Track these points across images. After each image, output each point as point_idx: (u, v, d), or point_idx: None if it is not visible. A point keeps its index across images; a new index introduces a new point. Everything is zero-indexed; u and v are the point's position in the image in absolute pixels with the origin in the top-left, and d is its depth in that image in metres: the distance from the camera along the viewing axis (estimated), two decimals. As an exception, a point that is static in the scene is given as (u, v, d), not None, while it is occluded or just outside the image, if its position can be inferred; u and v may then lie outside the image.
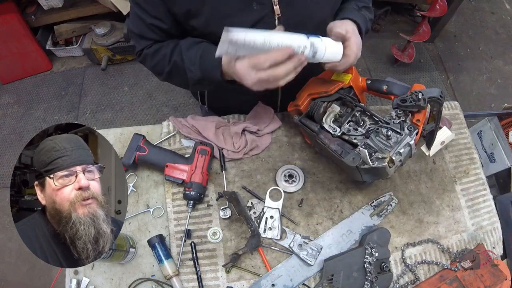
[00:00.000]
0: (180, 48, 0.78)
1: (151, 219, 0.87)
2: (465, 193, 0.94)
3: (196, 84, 0.79)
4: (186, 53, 0.76)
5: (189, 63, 0.76)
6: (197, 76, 0.76)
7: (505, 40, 2.66)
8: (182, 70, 0.77)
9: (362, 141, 0.72)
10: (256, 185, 0.90)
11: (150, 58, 0.82)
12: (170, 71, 0.80)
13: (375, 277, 0.77)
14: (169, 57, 0.78)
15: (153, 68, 0.85)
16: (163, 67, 0.80)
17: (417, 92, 0.70)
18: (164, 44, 0.81)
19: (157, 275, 0.81)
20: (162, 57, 0.79)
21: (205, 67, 0.74)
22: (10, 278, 1.76)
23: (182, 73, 0.78)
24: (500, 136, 1.46)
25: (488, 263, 0.84)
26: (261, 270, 0.82)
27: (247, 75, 0.64)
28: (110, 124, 2.18)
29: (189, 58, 0.76)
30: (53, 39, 2.34)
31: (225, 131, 0.94)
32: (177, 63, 0.78)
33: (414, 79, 2.42)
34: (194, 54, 0.75)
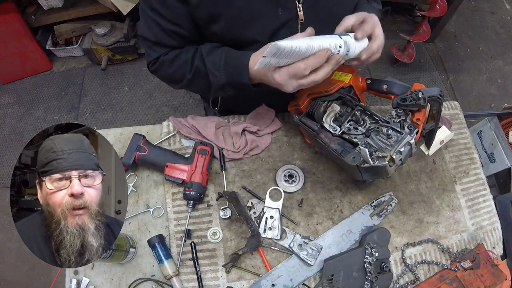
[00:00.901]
0: (201, 53, 0.76)
1: (151, 219, 0.87)
2: (465, 193, 0.94)
3: (219, 89, 0.77)
4: (208, 58, 0.74)
5: (213, 68, 0.74)
6: (221, 81, 0.74)
7: (505, 40, 2.66)
8: (205, 76, 0.76)
9: (363, 140, 0.72)
10: (256, 185, 0.90)
11: (168, 65, 0.79)
12: (193, 77, 0.78)
13: (375, 277, 0.77)
14: (191, 62, 0.76)
15: (171, 75, 0.82)
16: (184, 74, 0.78)
17: (417, 91, 0.70)
18: (183, 50, 0.79)
19: (157, 275, 0.81)
20: (183, 63, 0.77)
21: (231, 72, 0.73)
22: (10, 278, 1.76)
23: (204, 78, 0.76)
24: (500, 136, 1.46)
25: (488, 263, 0.84)
26: (261, 270, 0.81)
27: (288, 84, 0.64)
28: (110, 124, 2.18)
29: (213, 62, 0.74)
30: (53, 39, 2.34)
31: (225, 131, 0.94)
32: (199, 68, 0.76)
33: (414, 79, 2.42)
34: (217, 59, 0.74)
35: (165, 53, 0.79)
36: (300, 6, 0.71)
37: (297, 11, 0.72)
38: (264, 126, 0.95)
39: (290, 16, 0.72)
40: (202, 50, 0.76)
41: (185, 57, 0.77)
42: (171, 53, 0.79)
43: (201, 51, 0.76)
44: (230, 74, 0.73)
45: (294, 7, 0.71)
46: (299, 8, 0.71)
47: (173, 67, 0.79)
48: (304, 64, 0.61)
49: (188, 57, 0.77)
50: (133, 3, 2.07)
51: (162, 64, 0.80)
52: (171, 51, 0.79)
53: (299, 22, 0.74)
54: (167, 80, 0.86)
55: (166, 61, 0.79)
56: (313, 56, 0.61)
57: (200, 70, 0.76)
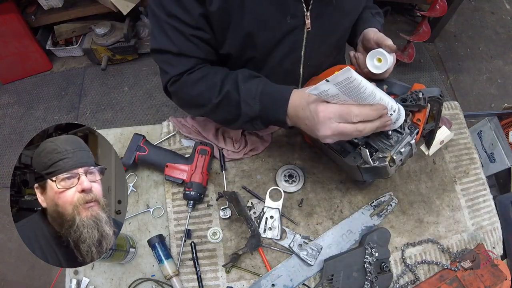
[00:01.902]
0: (237, 78, 0.69)
1: (151, 219, 0.87)
2: (465, 193, 0.94)
3: (247, 121, 0.70)
4: (245, 85, 0.67)
5: (247, 96, 0.67)
6: (254, 112, 0.67)
7: (505, 40, 2.66)
8: (236, 103, 0.68)
9: (363, 140, 0.72)
10: (256, 185, 0.90)
11: (191, 86, 0.70)
12: (220, 102, 0.69)
13: (375, 277, 0.77)
14: (220, 85, 0.69)
15: (193, 99, 0.73)
16: (210, 97, 0.69)
17: (417, 92, 0.70)
18: (211, 71, 0.71)
19: (157, 275, 0.81)
20: (211, 85, 0.69)
21: (267, 103, 0.66)
22: (10, 278, 1.76)
23: (233, 106, 0.68)
24: (500, 136, 1.46)
25: (488, 263, 0.84)
26: (261, 270, 0.81)
27: (329, 123, 0.57)
28: (110, 124, 2.18)
29: (249, 90, 0.67)
30: (53, 39, 2.34)
31: (225, 131, 0.94)
32: (230, 94, 0.68)
33: (414, 79, 2.41)
34: (254, 87, 0.67)
35: (190, 71, 0.71)
36: (308, 14, 0.70)
37: (305, 19, 0.71)
38: (264, 126, 0.95)
39: (298, 24, 0.72)
40: (238, 75, 0.69)
41: (213, 79, 0.69)
42: (197, 72, 0.71)
43: (236, 76, 0.69)
44: (266, 105, 0.66)
45: (303, 15, 0.70)
46: (307, 17, 0.70)
47: (197, 88, 0.70)
48: (359, 110, 0.55)
49: (217, 80, 0.69)
50: (133, 3, 2.07)
51: (184, 84, 0.71)
52: (197, 70, 0.71)
53: (306, 31, 0.73)
54: (187, 103, 0.77)
55: (189, 81, 0.70)
56: (371, 107, 0.57)
57: (230, 96, 0.68)
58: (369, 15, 0.84)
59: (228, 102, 0.69)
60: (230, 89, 0.68)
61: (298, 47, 0.69)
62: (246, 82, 0.68)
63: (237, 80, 0.68)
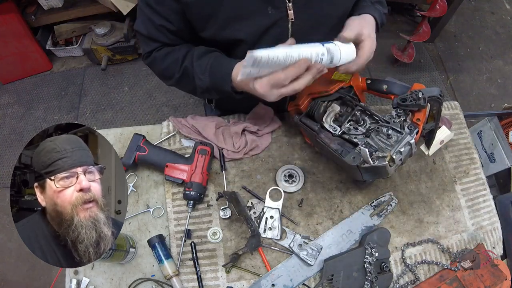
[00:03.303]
0: (193, 54, 0.77)
1: (151, 219, 0.87)
2: (465, 193, 0.94)
3: (204, 92, 0.80)
4: (198, 61, 0.76)
5: (199, 71, 0.76)
6: (205, 85, 0.76)
7: (505, 40, 2.66)
8: (192, 77, 0.77)
9: (363, 140, 0.72)
10: (256, 185, 0.90)
11: (160, 61, 0.81)
12: (181, 76, 0.80)
13: (375, 277, 0.77)
14: (181, 62, 0.78)
15: (162, 72, 0.84)
16: (173, 72, 0.80)
17: (417, 91, 0.70)
18: (176, 48, 0.80)
19: (157, 275, 0.81)
20: (173, 61, 0.79)
21: (215, 78, 0.74)
22: (10, 278, 1.76)
23: (191, 80, 0.78)
24: (500, 136, 1.46)
25: (488, 263, 0.84)
26: (261, 270, 0.81)
27: (269, 94, 0.65)
28: (110, 124, 2.18)
29: (200, 66, 0.76)
30: (53, 39, 2.34)
31: (225, 131, 0.94)
32: (187, 69, 0.77)
33: (414, 79, 2.42)
34: (205, 63, 0.75)
35: (158, 49, 0.80)
36: (290, 5, 0.71)
37: (287, 10, 0.71)
38: (263, 125, 0.95)
39: (280, 15, 0.72)
40: (194, 52, 0.77)
41: (176, 56, 0.79)
42: (164, 50, 0.80)
43: (193, 53, 0.77)
44: (213, 80, 0.75)
45: (284, 6, 0.71)
46: (288, 7, 0.71)
47: (163, 64, 0.80)
48: (284, 74, 0.61)
49: (178, 56, 0.78)
50: (133, 3, 2.07)
51: (154, 59, 0.81)
52: (164, 47, 0.80)
53: (290, 22, 0.73)
54: (159, 75, 0.87)
55: (158, 57, 0.80)
56: (293, 66, 0.61)
57: (188, 71, 0.77)
58: (368, 3, 0.82)
59: (187, 76, 0.79)
60: (187, 65, 0.77)
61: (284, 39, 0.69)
62: (199, 58, 0.76)
63: (193, 56, 0.77)
